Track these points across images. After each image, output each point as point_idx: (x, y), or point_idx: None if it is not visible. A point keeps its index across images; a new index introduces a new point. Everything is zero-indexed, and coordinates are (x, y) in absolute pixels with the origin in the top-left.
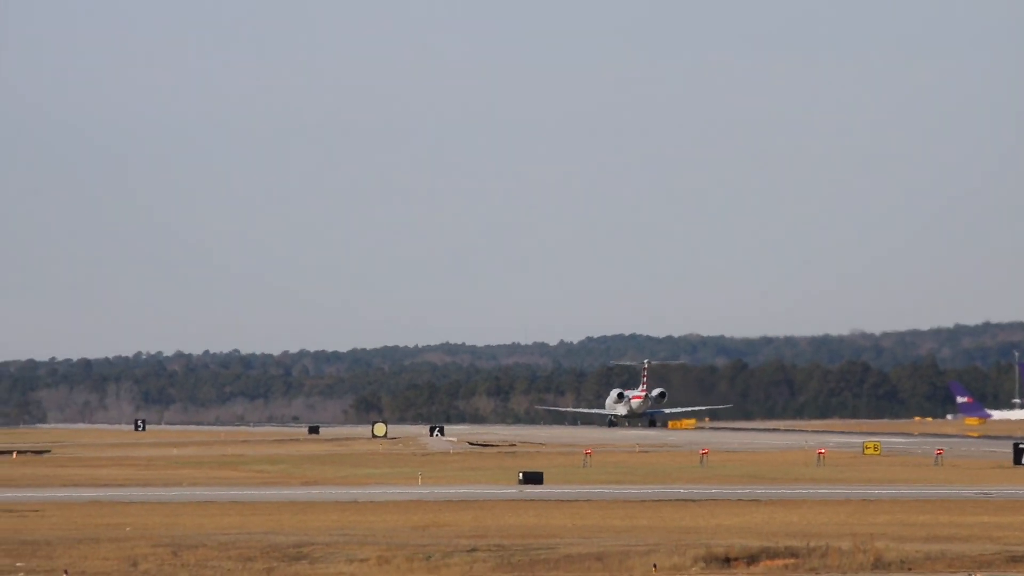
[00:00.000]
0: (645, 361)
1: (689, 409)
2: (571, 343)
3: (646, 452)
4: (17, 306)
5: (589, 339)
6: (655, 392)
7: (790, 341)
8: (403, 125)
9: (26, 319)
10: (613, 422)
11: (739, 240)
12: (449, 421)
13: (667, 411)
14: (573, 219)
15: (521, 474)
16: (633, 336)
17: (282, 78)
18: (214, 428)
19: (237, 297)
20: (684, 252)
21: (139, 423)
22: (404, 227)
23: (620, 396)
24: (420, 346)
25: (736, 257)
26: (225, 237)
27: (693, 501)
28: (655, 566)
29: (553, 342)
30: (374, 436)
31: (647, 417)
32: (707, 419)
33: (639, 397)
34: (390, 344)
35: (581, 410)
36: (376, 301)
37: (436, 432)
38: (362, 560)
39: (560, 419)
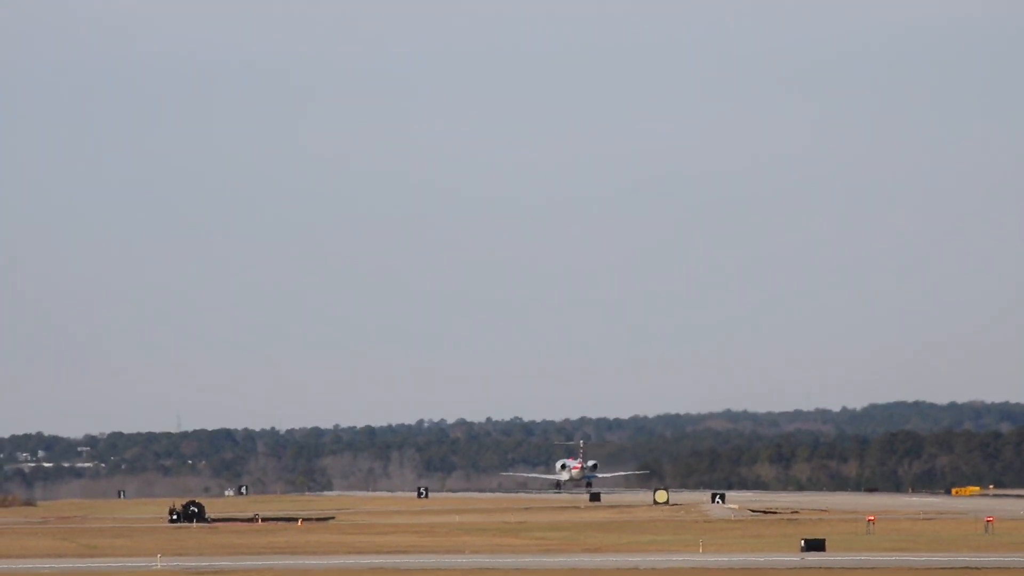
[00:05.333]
0: (581, 441)
1: (618, 474)
2: (854, 409)
3: (930, 519)
4: (302, 374)
5: (873, 405)
6: (590, 463)
7: None
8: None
9: (311, 387)
10: (559, 484)
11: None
12: (731, 488)
13: (600, 475)
14: (853, 285)
15: (803, 541)
16: (916, 403)
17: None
18: (496, 495)
19: (518, 365)
20: (966, 319)
21: (422, 490)
22: (680, 294)
23: (563, 466)
24: (702, 413)
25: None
26: (505, 308)
27: (977, 569)
28: None
29: (836, 408)
30: (655, 503)
31: (585, 480)
32: (991, 486)
33: (577, 467)
34: (672, 411)
35: (534, 475)
36: (657, 368)
37: (717, 499)
38: None
39: (522, 483)
